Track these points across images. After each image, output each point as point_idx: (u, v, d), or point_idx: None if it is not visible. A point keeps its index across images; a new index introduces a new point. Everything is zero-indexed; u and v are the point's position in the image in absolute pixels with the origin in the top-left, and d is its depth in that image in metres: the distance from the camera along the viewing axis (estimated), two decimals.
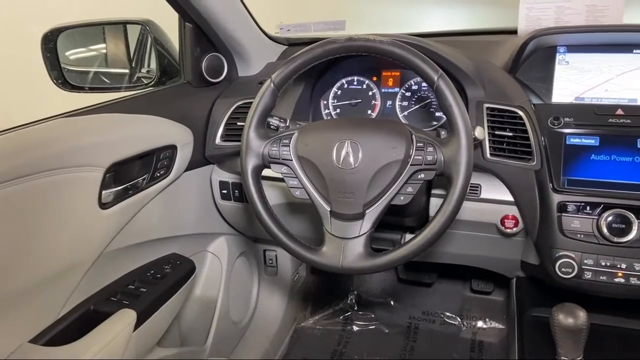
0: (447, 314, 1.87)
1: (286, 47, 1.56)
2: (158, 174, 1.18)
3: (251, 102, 1.00)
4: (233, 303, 1.61)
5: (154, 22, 1.36)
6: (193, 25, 1.30)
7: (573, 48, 1.16)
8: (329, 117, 1.35)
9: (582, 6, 1.24)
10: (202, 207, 1.42)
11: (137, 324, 1.04)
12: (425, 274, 1.88)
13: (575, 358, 0.88)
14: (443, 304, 1.89)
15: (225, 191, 1.40)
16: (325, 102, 1.36)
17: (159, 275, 1.19)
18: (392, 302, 1.93)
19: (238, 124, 1.30)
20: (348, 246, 0.94)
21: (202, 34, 1.32)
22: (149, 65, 1.44)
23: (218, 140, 1.33)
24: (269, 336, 1.75)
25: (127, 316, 1.03)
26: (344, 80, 1.35)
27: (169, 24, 1.35)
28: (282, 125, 1.05)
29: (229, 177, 1.39)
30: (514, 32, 1.31)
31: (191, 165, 1.31)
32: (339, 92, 1.35)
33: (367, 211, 0.93)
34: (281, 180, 1.00)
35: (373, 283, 1.99)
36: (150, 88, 1.35)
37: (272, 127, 1.05)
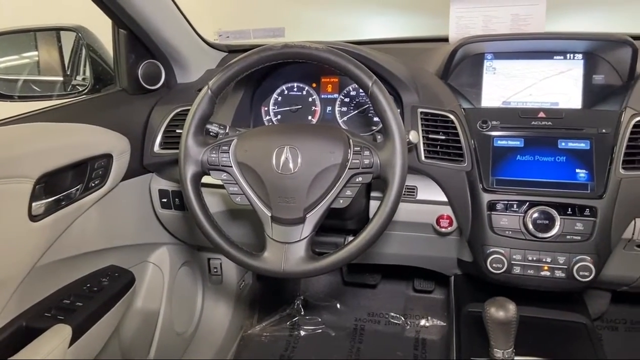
0: (392, 314, 1.91)
1: (226, 53, 1.55)
2: (93, 184, 1.15)
3: (189, 109, 0.99)
4: (176, 314, 1.58)
5: (86, 29, 1.32)
6: (127, 31, 1.27)
7: (499, 55, 1.23)
8: (270, 124, 1.36)
9: (507, 15, 1.31)
10: (141, 216, 1.39)
11: (73, 339, 1.01)
12: (369, 276, 1.92)
13: (506, 349, 0.93)
14: (387, 305, 1.93)
15: (165, 200, 1.37)
16: (266, 108, 1.37)
17: (95, 289, 1.16)
18: (338, 305, 1.96)
19: (177, 131, 1.28)
20: (290, 250, 0.94)
21: (138, 41, 1.30)
22: (84, 73, 1.39)
23: (156, 148, 1.31)
24: (215, 345, 1.73)
25: (62, 332, 0.99)
26: (284, 87, 1.36)
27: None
28: (221, 131, 1.04)
29: (168, 186, 1.36)
30: (446, 39, 1.36)
31: (129, 174, 1.28)
32: (280, 98, 1.36)
33: (307, 215, 0.95)
34: (221, 187, 1.00)
35: (319, 287, 2.01)
36: (84, 96, 1.31)
37: (211, 133, 1.04)
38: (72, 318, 1.03)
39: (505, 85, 1.22)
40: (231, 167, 0.97)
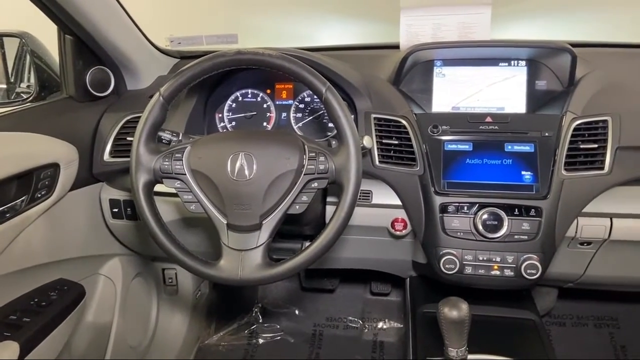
0: (350, 318, 1.92)
1: (178, 60, 1.53)
2: (39, 195, 1.10)
3: (140, 116, 0.97)
4: (130, 327, 1.53)
5: (30, 35, 1.28)
6: (74, 37, 1.23)
7: (448, 62, 1.27)
8: (224, 130, 1.35)
9: (455, 23, 1.35)
10: (91, 227, 1.34)
11: (21, 356, 0.97)
12: (327, 281, 1.93)
13: (460, 348, 0.95)
14: (346, 309, 1.95)
15: (116, 210, 1.34)
16: (220, 115, 1.35)
17: (44, 303, 1.11)
18: (296, 312, 1.95)
19: (127, 139, 1.25)
20: (246, 258, 0.94)
21: (85, 47, 1.26)
22: (29, 80, 1.34)
23: (106, 156, 1.27)
24: (171, 358, 1.69)
25: (9, 349, 0.95)
26: (238, 93, 1.35)
27: None
28: (174, 139, 1.03)
29: (119, 195, 1.33)
30: (397, 47, 1.39)
31: (77, 184, 1.24)
32: (234, 105, 1.35)
33: (264, 222, 0.95)
34: (175, 195, 0.98)
35: (277, 294, 2.00)
36: (29, 104, 1.26)
37: (163, 141, 1.02)
38: (19, 334, 0.99)
39: (455, 91, 1.26)
40: (185, 174, 0.95)
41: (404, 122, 1.17)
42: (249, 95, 1.35)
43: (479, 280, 1.11)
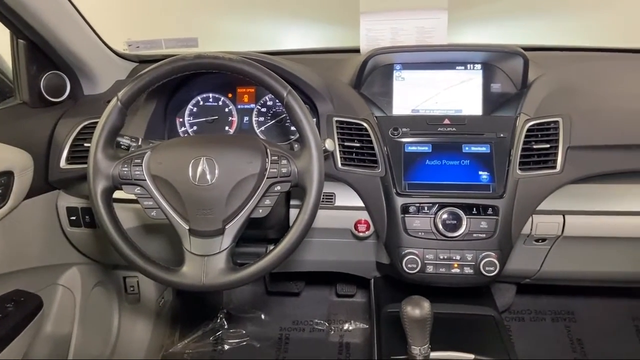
0: (316, 320, 1.93)
1: (136, 64, 1.51)
2: None
3: (98, 122, 0.96)
4: (91, 337, 1.49)
5: None
6: (27, 42, 1.20)
7: (407, 65, 1.29)
8: (186, 135, 1.34)
9: (413, 28, 1.38)
10: (48, 236, 1.30)
11: None
12: (292, 284, 1.93)
13: (423, 345, 0.97)
14: (312, 311, 1.95)
15: (74, 217, 1.30)
16: (181, 119, 1.34)
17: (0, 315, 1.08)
18: (262, 316, 1.95)
19: (85, 145, 1.22)
20: (209, 263, 0.94)
21: (39, 51, 1.23)
22: None
23: (63, 163, 1.24)
24: None
25: None
26: (199, 98, 1.34)
27: None
28: (133, 144, 1.02)
29: (77, 202, 1.30)
30: (357, 50, 1.41)
31: (33, 192, 1.20)
32: (195, 109, 1.34)
33: (227, 226, 0.94)
34: (135, 201, 0.97)
35: (242, 299, 1.99)
36: None
37: (122, 146, 1.01)
38: None
39: (414, 94, 1.28)
40: (145, 180, 0.94)
41: (365, 124, 1.19)
42: (211, 100, 1.34)
43: (440, 278, 1.14)
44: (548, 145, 1.14)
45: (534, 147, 1.14)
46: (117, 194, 0.97)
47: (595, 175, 1.15)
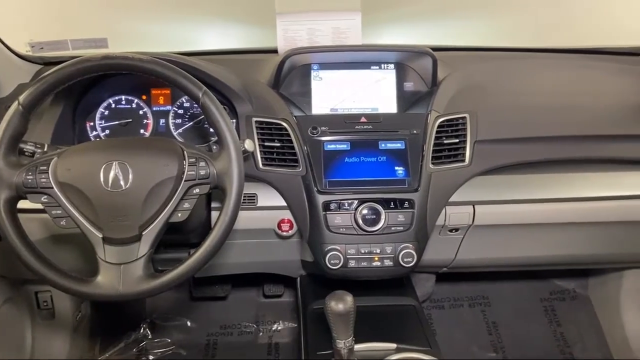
0: (244, 323, 1.91)
1: (41, 66, 1.42)
2: None
3: None
4: (2, 358, 1.39)
5: None
6: None
7: (325, 65, 1.31)
8: (97, 140, 1.28)
9: (328, 29, 1.41)
10: None
11: None
12: (218, 288, 1.90)
13: (347, 339, 0.99)
14: (239, 314, 1.93)
15: None
16: (91, 123, 1.28)
17: None
18: (188, 323, 1.90)
19: None
20: (126, 271, 0.91)
21: None
22: None
23: None
24: None
25: None
26: (110, 100, 1.29)
27: None
28: (38, 150, 0.96)
29: None
30: (275, 51, 1.41)
31: None
32: (107, 112, 1.28)
33: (143, 232, 0.92)
34: (42, 211, 0.92)
35: (166, 306, 1.93)
36: None
37: (26, 153, 0.95)
38: None
39: (332, 93, 1.30)
40: (52, 188, 0.89)
41: (284, 124, 1.19)
42: (123, 102, 1.29)
43: (362, 272, 1.17)
44: (457, 140, 1.20)
45: (445, 142, 1.20)
46: (23, 204, 0.91)
47: (501, 167, 1.23)
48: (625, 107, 1.34)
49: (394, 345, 1.13)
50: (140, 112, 1.29)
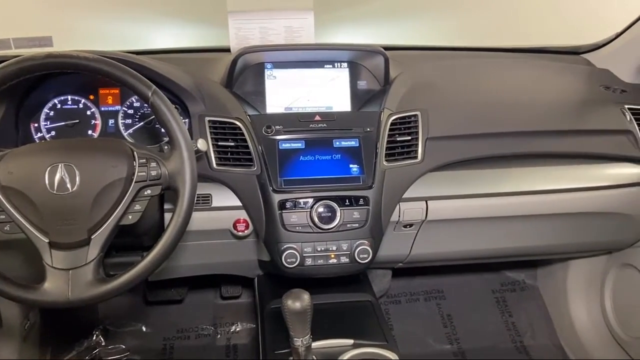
0: (202, 326, 1.89)
1: None
2: None
3: None
4: None
5: None
6: None
7: (278, 64, 1.31)
8: (42, 141, 1.23)
9: (281, 27, 1.40)
10: None
11: None
12: (174, 291, 1.86)
13: (304, 337, 1.00)
14: (197, 317, 1.91)
15: None
16: (36, 124, 1.23)
17: None
18: (143, 328, 1.86)
19: None
20: (75, 276, 0.88)
21: None
22: None
23: None
24: None
25: None
26: (56, 100, 1.24)
27: None
28: None
29: None
30: (228, 50, 1.40)
31: None
32: (52, 113, 1.24)
33: (92, 236, 0.89)
34: None
35: (120, 312, 1.88)
36: None
37: None
38: None
39: (286, 92, 1.30)
40: None
41: (238, 124, 1.19)
42: (70, 102, 1.25)
43: (319, 269, 1.17)
44: (409, 138, 1.23)
45: (398, 139, 1.22)
46: None
47: (452, 163, 1.27)
48: (567, 104, 1.41)
49: (351, 341, 1.14)
50: (88, 112, 1.25)
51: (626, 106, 1.39)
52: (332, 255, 1.16)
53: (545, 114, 1.36)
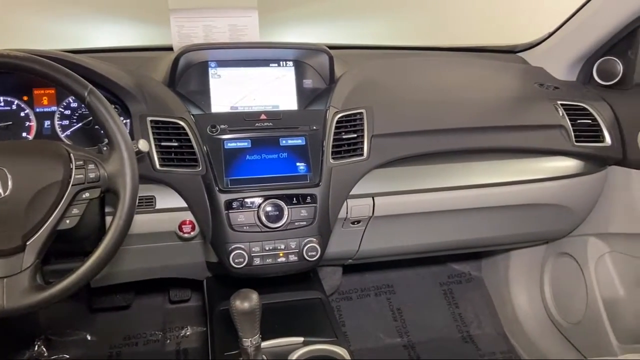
0: (150, 331, 1.84)
1: None
2: None
3: None
4: None
5: None
6: None
7: (223, 63, 1.29)
8: None
9: (225, 25, 1.39)
10: None
11: None
12: (120, 297, 1.80)
13: (253, 337, 0.99)
14: (144, 323, 1.86)
15: None
16: None
17: None
18: (88, 336, 1.79)
19: None
20: (10, 284, 0.84)
21: None
22: None
23: None
24: None
25: None
26: None
27: None
28: None
29: None
30: (171, 48, 1.37)
31: None
32: None
33: (28, 242, 0.86)
34: None
35: (63, 321, 1.80)
36: None
37: None
38: None
39: (231, 91, 1.29)
40: None
41: (182, 123, 1.16)
42: (1, 103, 1.19)
43: (268, 269, 1.17)
44: (355, 135, 1.24)
45: (344, 137, 1.23)
46: None
47: (397, 159, 1.29)
48: (505, 101, 1.46)
49: (300, 339, 1.14)
50: (22, 114, 1.20)
51: (559, 102, 1.46)
52: (281, 254, 1.16)
53: (485, 111, 1.41)
